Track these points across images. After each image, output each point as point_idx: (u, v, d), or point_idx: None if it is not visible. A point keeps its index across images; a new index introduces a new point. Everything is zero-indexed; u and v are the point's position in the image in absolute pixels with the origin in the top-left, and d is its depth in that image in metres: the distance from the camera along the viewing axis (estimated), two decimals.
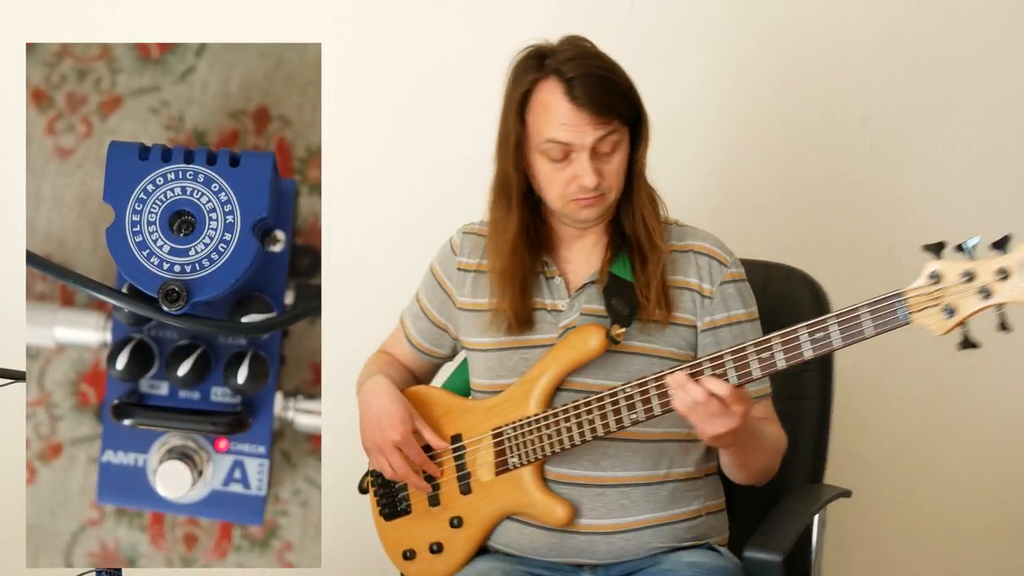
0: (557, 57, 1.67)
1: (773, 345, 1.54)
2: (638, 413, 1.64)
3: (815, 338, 1.51)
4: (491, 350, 1.78)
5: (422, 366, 1.93)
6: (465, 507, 1.77)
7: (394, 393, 1.80)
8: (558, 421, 1.69)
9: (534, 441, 1.71)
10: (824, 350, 1.51)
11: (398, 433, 1.75)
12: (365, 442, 1.80)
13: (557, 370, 1.71)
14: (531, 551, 1.74)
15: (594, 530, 1.71)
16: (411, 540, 1.82)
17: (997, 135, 2.42)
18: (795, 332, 1.53)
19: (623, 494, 1.72)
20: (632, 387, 1.64)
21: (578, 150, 1.66)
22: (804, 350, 1.52)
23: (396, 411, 1.77)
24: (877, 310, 1.48)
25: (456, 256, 1.84)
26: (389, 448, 1.76)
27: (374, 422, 1.78)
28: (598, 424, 1.66)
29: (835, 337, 1.50)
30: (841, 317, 1.50)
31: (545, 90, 1.67)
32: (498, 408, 1.75)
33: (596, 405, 1.66)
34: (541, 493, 1.72)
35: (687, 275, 1.75)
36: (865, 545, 2.56)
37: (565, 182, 1.68)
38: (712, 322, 1.74)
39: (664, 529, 1.73)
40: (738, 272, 1.77)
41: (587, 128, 1.65)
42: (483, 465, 1.75)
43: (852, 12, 2.40)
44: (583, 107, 1.64)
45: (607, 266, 1.74)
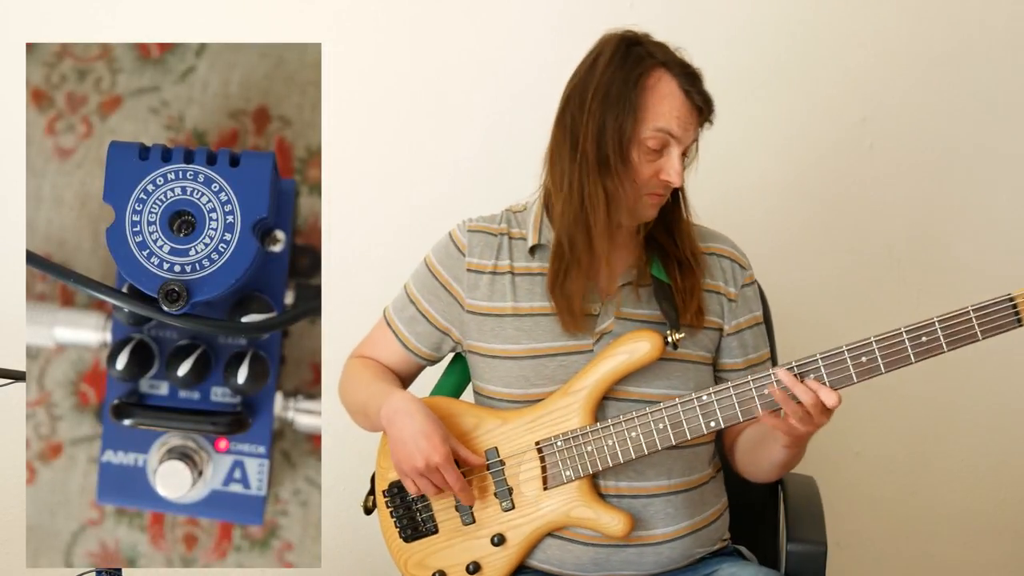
0: (658, 50, 1.65)
1: (875, 349, 1.54)
2: (719, 421, 1.61)
3: (919, 342, 1.53)
4: (523, 357, 1.72)
5: (412, 370, 1.86)
6: (507, 524, 1.70)
7: (427, 411, 1.68)
8: (621, 431, 1.65)
9: (592, 452, 1.66)
10: (929, 355, 1.53)
11: (440, 455, 1.65)
12: (402, 465, 1.68)
13: (607, 377, 1.66)
14: (574, 567, 1.70)
15: (643, 541, 1.69)
16: (440, 561, 1.74)
17: (997, 135, 2.42)
18: (898, 335, 1.53)
19: (668, 503, 1.70)
20: (709, 395, 1.61)
21: (677, 145, 1.64)
22: (910, 354, 1.54)
23: (434, 430, 1.66)
24: (987, 313, 1.49)
25: (464, 256, 1.77)
26: (431, 470, 1.65)
27: (411, 442, 1.66)
28: (670, 433, 1.63)
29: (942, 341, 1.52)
30: (947, 321, 1.51)
31: (663, 80, 1.63)
32: (542, 419, 1.69)
33: (668, 413, 1.63)
34: (600, 506, 1.67)
35: (714, 278, 1.75)
36: (865, 545, 2.56)
37: (650, 175, 1.65)
38: (737, 325, 1.75)
39: (701, 534, 1.73)
40: (752, 273, 1.79)
41: (693, 126, 1.65)
42: (528, 480, 1.69)
43: (852, 12, 2.41)
44: (696, 104, 1.64)
45: (647, 268, 1.72)
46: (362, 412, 1.80)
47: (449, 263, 1.79)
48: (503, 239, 1.77)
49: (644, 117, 1.63)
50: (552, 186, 1.71)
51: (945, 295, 2.44)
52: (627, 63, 1.64)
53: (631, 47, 1.65)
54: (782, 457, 1.68)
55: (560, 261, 1.70)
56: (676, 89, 1.63)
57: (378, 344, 1.86)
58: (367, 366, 1.84)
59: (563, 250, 1.69)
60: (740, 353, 1.75)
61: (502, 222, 1.79)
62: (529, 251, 1.75)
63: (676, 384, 1.68)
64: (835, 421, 1.64)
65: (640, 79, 1.63)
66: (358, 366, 1.85)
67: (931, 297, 2.45)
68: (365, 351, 1.88)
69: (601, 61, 1.65)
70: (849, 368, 1.55)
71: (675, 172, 1.64)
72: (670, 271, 1.72)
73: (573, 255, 1.68)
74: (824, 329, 2.43)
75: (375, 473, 1.82)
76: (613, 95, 1.63)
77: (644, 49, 1.65)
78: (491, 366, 1.75)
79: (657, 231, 1.73)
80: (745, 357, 1.76)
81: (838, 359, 1.55)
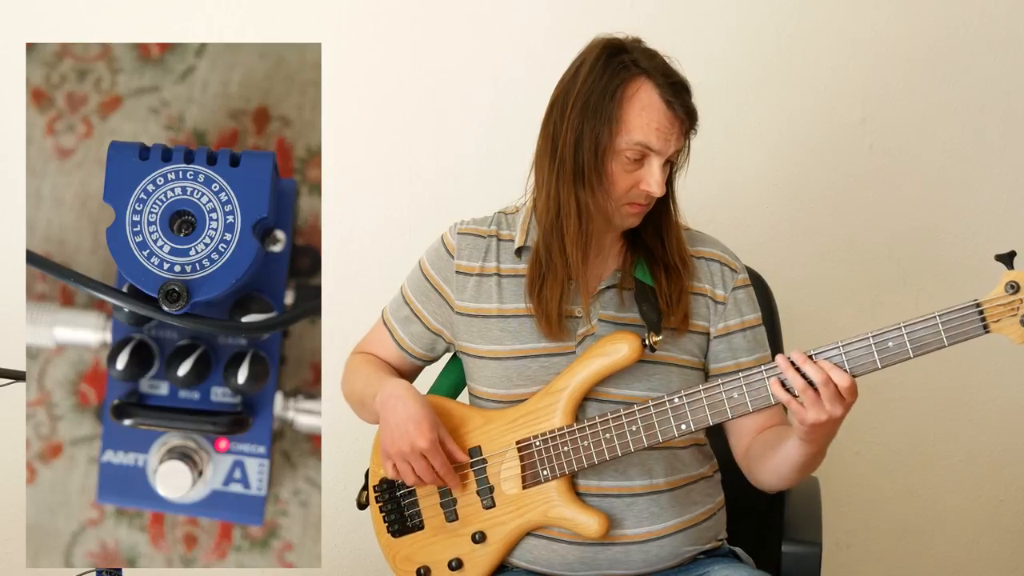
0: (643, 58, 1.62)
1: (838, 355, 1.52)
2: (689, 424, 1.61)
3: (884, 347, 1.51)
4: (507, 358, 1.73)
5: (408, 369, 1.87)
6: (488, 522, 1.72)
7: (419, 398, 1.70)
8: (596, 432, 1.65)
9: (568, 453, 1.66)
10: (894, 361, 1.51)
11: (426, 440, 1.66)
12: (388, 447, 1.69)
13: (587, 379, 1.67)
14: (561, 567, 1.71)
15: (629, 540, 1.69)
16: (425, 557, 1.76)
17: (997, 135, 2.43)
18: (865, 339, 1.51)
19: (653, 501, 1.70)
20: (680, 398, 1.61)
21: (657, 156, 1.63)
22: (876, 359, 1.52)
23: (424, 416, 1.67)
24: (952, 319, 1.48)
25: (453, 259, 1.79)
26: (415, 455, 1.67)
27: (400, 427, 1.68)
28: (643, 435, 1.63)
29: (909, 347, 1.50)
30: (912, 325, 1.49)
31: (643, 89, 1.61)
32: (523, 419, 1.70)
33: (640, 416, 1.63)
34: (576, 506, 1.68)
35: (700, 281, 1.74)
36: (865, 545, 2.56)
37: (630, 185, 1.64)
38: (726, 328, 1.74)
39: (691, 532, 1.73)
40: (745, 278, 1.78)
41: (675, 137, 1.63)
42: (508, 479, 1.71)
43: (852, 12, 2.41)
44: (678, 115, 1.62)
45: (630, 271, 1.72)
46: (360, 402, 1.83)
47: (440, 265, 1.80)
48: (491, 241, 1.78)
49: (621, 129, 1.62)
50: (536, 191, 1.72)
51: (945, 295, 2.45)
52: (608, 71, 1.62)
53: (614, 55, 1.63)
54: (797, 455, 1.62)
55: (537, 268, 1.71)
56: (657, 100, 1.61)
57: (376, 343, 1.88)
58: (367, 360, 1.87)
59: (539, 257, 1.71)
60: (729, 356, 1.74)
61: (492, 224, 1.80)
62: (516, 252, 1.76)
63: (655, 386, 1.68)
64: None
65: (619, 89, 1.61)
66: (359, 360, 1.88)
67: (931, 297, 2.46)
68: (364, 346, 1.90)
69: (584, 69, 1.64)
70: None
71: (655, 183, 1.63)
72: (656, 274, 1.71)
73: (549, 262, 1.69)
74: (824, 329, 2.43)
75: (369, 468, 1.84)
76: (592, 105, 1.62)
77: (629, 57, 1.63)
78: (478, 366, 1.76)
79: (646, 234, 1.73)
80: (736, 360, 1.74)
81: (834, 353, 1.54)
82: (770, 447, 1.69)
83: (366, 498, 1.85)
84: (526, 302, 1.72)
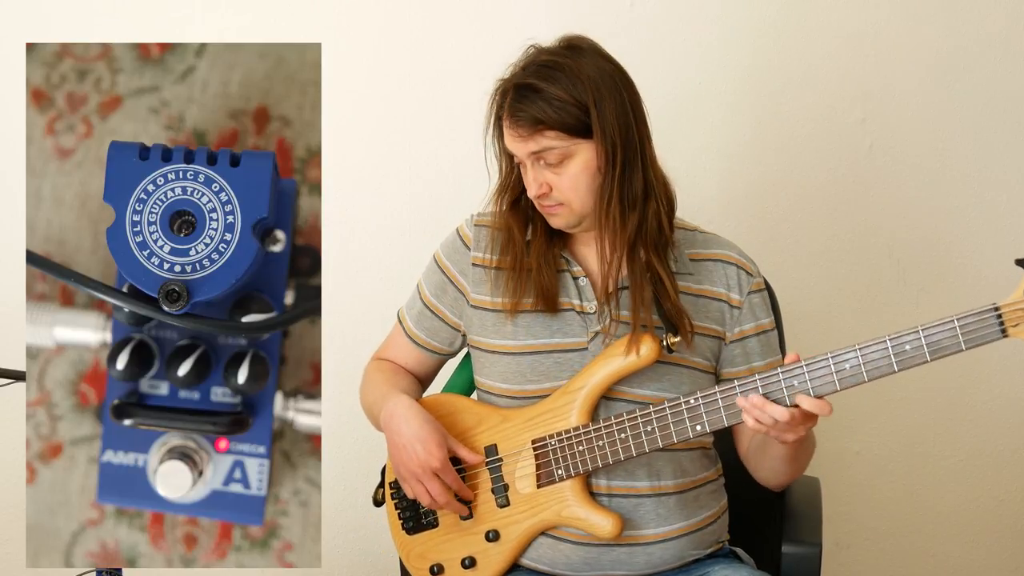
0: (511, 71, 1.68)
1: (853, 357, 1.53)
2: (704, 425, 1.61)
3: (901, 351, 1.51)
4: (519, 353, 1.73)
5: (428, 365, 1.87)
6: (502, 520, 1.72)
7: (424, 415, 1.71)
8: (611, 432, 1.65)
9: (583, 452, 1.67)
10: (912, 364, 1.51)
11: (436, 460, 1.67)
12: (399, 469, 1.71)
13: (605, 379, 1.67)
14: (565, 567, 1.71)
15: (634, 541, 1.69)
16: (439, 554, 1.77)
17: (997, 135, 2.43)
18: (881, 343, 1.52)
19: (659, 503, 1.70)
20: (696, 399, 1.61)
21: (520, 160, 1.68)
22: (892, 363, 1.52)
23: (430, 435, 1.69)
24: (970, 324, 1.48)
25: (470, 251, 1.79)
26: (428, 476, 1.68)
27: (408, 448, 1.69)
28: (658, 436, 1.63)
29: (926, 351, 1.50)
30: (930, 329, 1.49)
31: (497, 103, 1.69)
32: (540, 418, 1.70)
33: (656, 417, 1.63)
34: (590, 506, 1.68)
35: (715, 285, 1.74)
36: (865, 545, 2.56)
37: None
38: (742, 332, 1.74)
39: (695, 536, 1.73)
40: (761, 281, 1.77)
41: (524, 139, 1.65)
42: (523, 477, 1.71)
43: (852, 12, 2.41)
44: (511, 119, 1.65)
45: (646, 274, 1.71)
46: (372, 415, 1.84)
47: (456, 258, 1.80)
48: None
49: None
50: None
51: (945, 295, 2.45)
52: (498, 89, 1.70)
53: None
54: (783, 451, 1.66)
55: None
56: (500, 109, 1.67)
57: (393, 344, 1.89)
58: (380, 368, 1.87)
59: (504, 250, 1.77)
60: (743, 361, 1.74)
61: None
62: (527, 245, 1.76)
63: (668, 387, 1.69)
64: (835, 421, 1.64)
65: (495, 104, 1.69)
66: (373, 369, 1.88)
67: (931, 297, 2.46)
68: (383, 352, 1.91)
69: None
70: (833, 376, 1.54)
71: (528, 184, 1.68)
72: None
73: (504, 256, 1.75)
74: (824, 329, 2.43)
75: (386, 465, 1.84)
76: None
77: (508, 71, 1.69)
78: (491, 361, 1.76)
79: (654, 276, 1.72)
80: (749, 365, 1.74)
81: (822, 366, 1.55)
82: (759, 445, 1.73)
83: (382, 495, 1.85)
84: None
